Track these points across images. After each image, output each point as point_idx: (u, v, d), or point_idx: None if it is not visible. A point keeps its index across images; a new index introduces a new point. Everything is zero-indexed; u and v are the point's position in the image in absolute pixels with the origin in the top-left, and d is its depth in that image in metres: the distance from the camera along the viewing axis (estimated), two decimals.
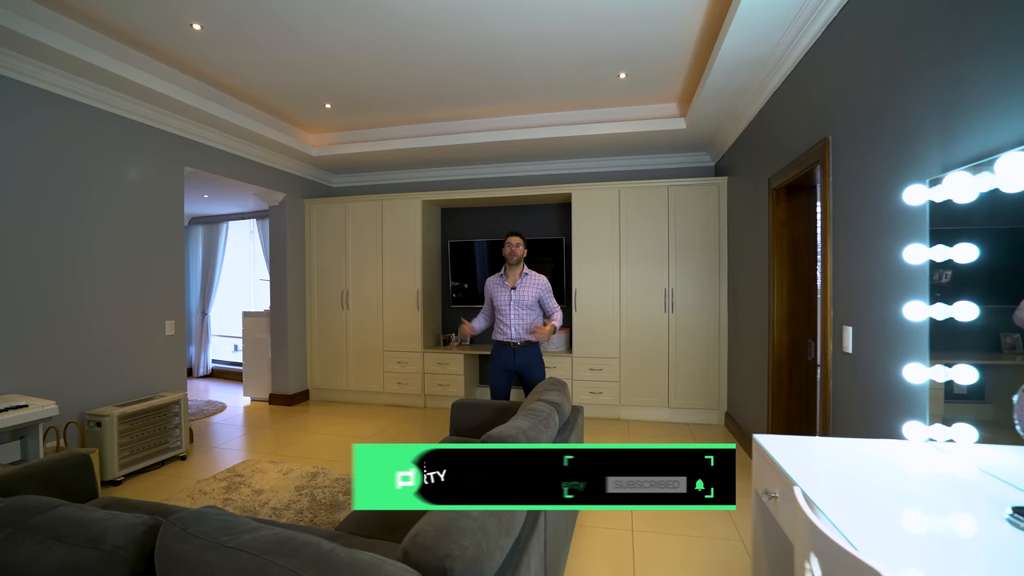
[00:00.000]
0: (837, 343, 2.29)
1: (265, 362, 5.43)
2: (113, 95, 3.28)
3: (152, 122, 3.61)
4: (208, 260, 6.94)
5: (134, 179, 3.51)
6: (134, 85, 3.20)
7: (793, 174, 2.82)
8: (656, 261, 4.62)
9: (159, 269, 3.70)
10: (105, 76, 3.06)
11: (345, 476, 3.24)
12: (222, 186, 5.09)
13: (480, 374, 5.54)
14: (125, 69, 3.09)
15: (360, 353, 5.34)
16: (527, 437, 1.79)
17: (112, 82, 3.15)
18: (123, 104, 3.36)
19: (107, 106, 3.29)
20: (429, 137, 4.69)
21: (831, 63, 2.35)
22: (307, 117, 4.62)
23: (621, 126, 4.28)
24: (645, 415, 4.69)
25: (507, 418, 2.94)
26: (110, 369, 3.32)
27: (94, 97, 3.19)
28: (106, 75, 3.05)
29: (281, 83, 3.83)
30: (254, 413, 5.01)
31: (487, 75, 3.68)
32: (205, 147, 4.12)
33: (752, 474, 1.62)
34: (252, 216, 6.65)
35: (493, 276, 3.38)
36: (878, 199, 1.90)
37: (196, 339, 7.04)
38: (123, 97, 3.34)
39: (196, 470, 3.40)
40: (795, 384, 3.15)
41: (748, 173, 3.78)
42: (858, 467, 1.37)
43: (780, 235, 3.16)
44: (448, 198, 5.15)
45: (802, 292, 3.14)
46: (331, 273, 5.43)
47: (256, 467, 3.40)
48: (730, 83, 3.27)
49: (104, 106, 3.27)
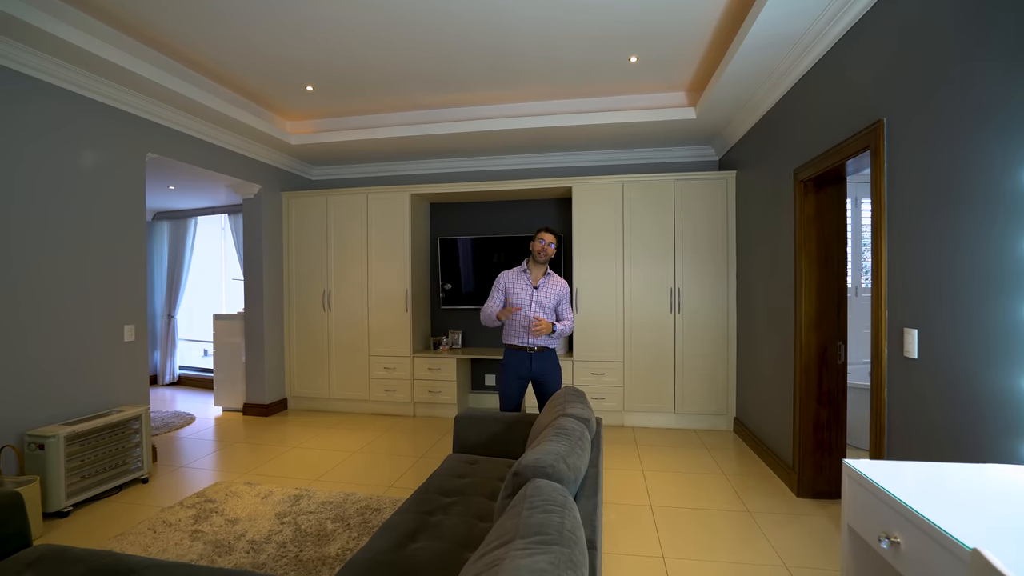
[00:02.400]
0: (894, 347, 2.06)
1: (238, 368, 4.99)
2: (61, 66, 2.84)
3: (109, 100, 3.18)
4: (175, 258, 6.43)
5: (88, 165, 3.07)
6: (87, 55, 2.78)
7: (829, 163, 2.59)
8: (662, 259, 4.38)
9: (117, 267, 3.27)
10: (49, 41, 2.63)
11: (332, 499, 2.88)
12: (190, 177, 4.64)
13: (473, 379, 5.22)
14: (73, 35, 2.66)
15: (343, 358, 4.95)
16: (567, 465, 1.49)
17: (58, 49, 2.72)
18: (73, 77, 2.93)
19: (53, 79, 2.85)
20: (421, 125, 4.35)
21: (888, 36, 2.12)
22: (286, 101, 4.22)
23: (627, 115, 4.03)
24: (650, 421, 4.44)
25: (518, 433, 2.64)
26: (57, 382, 2.88)
27: (37, 68, 2.75)
28: (50, 40, 2.62)
29: (257, 60, 3.44)
30: (227, 425, 4.58)
31: (488, 55, 3.37)
32: (170, 131, 3.69)
33: (843, 508, 1.35)
34: (224, 211, 6.17)
35: (512, 270, 3.07)
36: (973, 182, 1.65)
37: (162, 344, 6.51)
38: (73, 69, 2.90)
39: (160, 495, 2.99)
40: (824, 389, 2.93)
41: (765, 166, 3.57)
42: (1015, 506, 1.10)
43: (808, 230, 2.94)
44: (439, 191, 4.81)
45: (831, 291, 2.93)
46: (311, 272, 5.03)
47: (230, 490, 3.00)
48: (753, 66, 3.04)
49: (50, 78, 2.83)
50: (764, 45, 2.77)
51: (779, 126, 3.29)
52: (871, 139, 2.17)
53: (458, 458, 2.51)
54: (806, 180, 2.90)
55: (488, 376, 5.17)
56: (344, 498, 2.90)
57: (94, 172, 3.11)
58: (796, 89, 2.99)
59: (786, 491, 3.04)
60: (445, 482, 2.18)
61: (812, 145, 2.80)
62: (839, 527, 2.61)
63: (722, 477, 3.28)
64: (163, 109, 3.53)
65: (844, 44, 2.45)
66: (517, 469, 1.45)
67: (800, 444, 2.96)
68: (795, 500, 2.92)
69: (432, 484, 2.16)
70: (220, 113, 3.73)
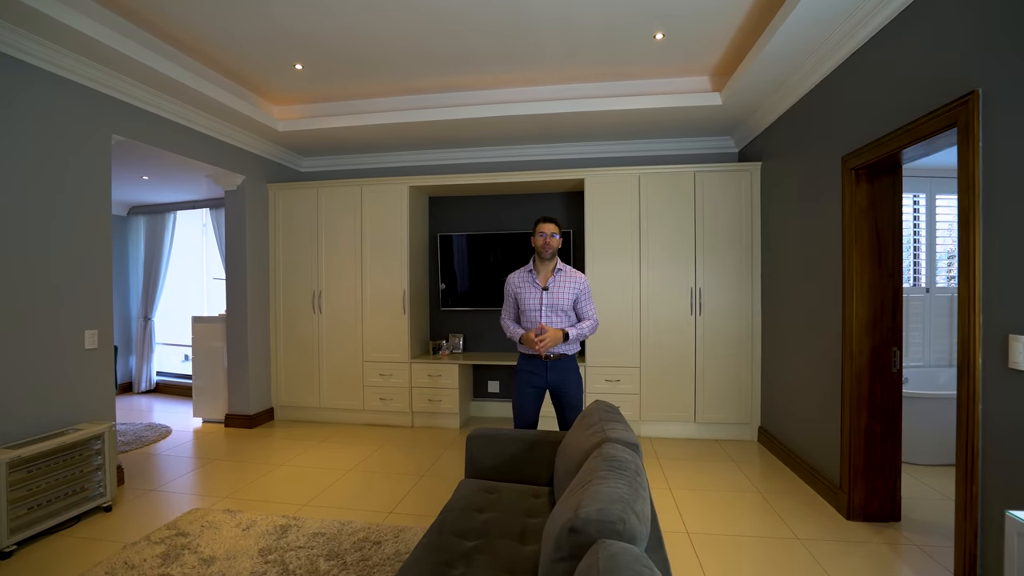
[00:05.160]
0: (994, 357, 1.75)
1: (220, 376, 4.58)
2: (11, 31, 2.44)
3: (68, 73, 2.77)
4: (152, 256, 5.98)
5: (41, 146, 2.67)
6: (43, 18, 2.38)
7: (892, 146, 2.29)
8: (681, 257, 4.06)
9: (77, 264, 2.86)
10: None
11: (325, 529, 2.51)
12: (166, 165, 4.22)
13: (476, 386, 4.86)
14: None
15: (335, 364, 4.57)
16: (637, 515, 1.15)
17: (8, 10, 2.33)
18: (24, 44, 2.53)
19: (3, 46, 2.46)
20: (422, 110, 3.98)
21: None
22: (273, 83, 3.83)
23: (647, 100, 3.70)
24: (669, 431, 4.12)
25: (541, 454, 2.29)
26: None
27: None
28: None
29: (240, 32, 3.06)
30: (206, 439, 4.17)
31: (503, 24, 3.01)
32: (139, 111, 3.29)
33: (1008, 569, 1.04)
34: (205, 204, 5.74)
35: (518, 272, 2.73)
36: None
37: (137, 348, 6.06)
38: (24, 34, 2.50)
39: (124, 527, 2.59)
40: (877, 400, 2.63)
41: (800, 155, 3.26)
42: None
43: (860, 224, 2.63)
44: (440, 183, 4.45)
45: (885, 291, 2.63)
46: (301, 271, 4.64)
47: (206, 520, 2.62)
48: (797, 43, 2.73)
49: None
50: (813, 17, 2.46)
51: (820, 110, 2.98)
52: (960, 114, 1.87)
53: (473, 485, 2.16)
54: (858, 168, 2.59)
55: (492, 383, 4.82)
56: (339, 528, 2.53)
57: (48, 154, 2.71)
58: (846, 66, 2.68)
59: (833, 513, 2.73)
60: (462, 519, 1.83)
61: (867, 128, 2.50)
62: (901, 555, 2.31)
63: (758, 496, 2.97)
64: (130, 85, 3.12)
65: (919, 6, 2.14)
66: (575, 524, 1.11)
67: (851, 462, 2.65)
68: (846, 524, 2.61)
69: (447, 522, 1.81)
70: (195, 91, 3.33)
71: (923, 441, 3.34)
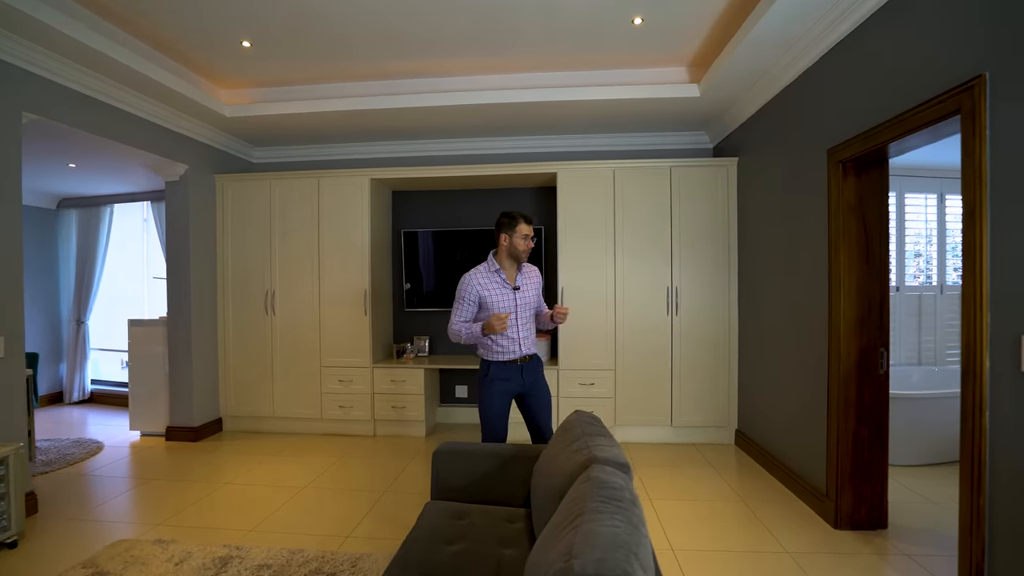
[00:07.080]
0: (1002, 360, 1.63)
1: (161, 384, 4.16)
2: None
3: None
4: (85, 253, 5.44)
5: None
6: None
7: (884, 137, 2.18)
8: (658, 255, 3.91)
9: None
10: None
11: (272, 560, 2.21)
12: (96, 151, 3.78)
13: (443, 391, 4.60)
14: None
15: (290, 370, 4.22)
16: (640, 564, 0.94)
17: None
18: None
19: None
20: (385, 97, 3.69)
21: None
22: (218, 63, 3.47)
23: (623, 91, 3.53)
24: (645, 436, 3.97)
25: (515, 472, 2.05)
26: None
27: None
28: None
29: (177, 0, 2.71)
30: (144, 455, 3.76)
31: (479, 8, 2.78)
32: (57, 86, 2.88)
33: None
34: (146, 197, 5.26)
35: (479, 272, 2.45)
36: None
37: (69, 355, 5.51)
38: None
39: (30, 567, 2.22)
40: (865, 404, 2.53)
41: (781, 148, 3.16)
42: None
43: (848, 220, 2.52)
44: (404, 176, 4.16)
45: (872, 290, 2.53)
46: (251, 269, 4.26)
47: (131, 554, 2.28)
48: (782, 29, 2.60)
49: None
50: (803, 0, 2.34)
51: (805, 100, 2.87)
52: (964, 100, 1.75)
53: (440, 509, 1.92)
54: (846, 161, 2.48)
55: (460, 387, 4.56)
56: (288, 558, 2.24)
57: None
58: (835, 53, 2.56)
59: (819, 522, 2.62)
60: (429, 552, 1.59)
61: (857, 118, 2.38)
62: (894, 567, 2.20)
63: (741, 505, 2.83)
64: (45, 57, 2.73)
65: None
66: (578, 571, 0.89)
67: (838, 468, 2.54)
68: (834, 534, 2.49)
69: (411, 556, 1.56)
70: (127, 67, 2.95)
71: (907, 442, 3.28)
